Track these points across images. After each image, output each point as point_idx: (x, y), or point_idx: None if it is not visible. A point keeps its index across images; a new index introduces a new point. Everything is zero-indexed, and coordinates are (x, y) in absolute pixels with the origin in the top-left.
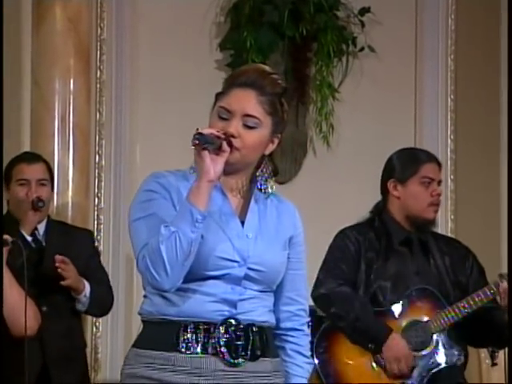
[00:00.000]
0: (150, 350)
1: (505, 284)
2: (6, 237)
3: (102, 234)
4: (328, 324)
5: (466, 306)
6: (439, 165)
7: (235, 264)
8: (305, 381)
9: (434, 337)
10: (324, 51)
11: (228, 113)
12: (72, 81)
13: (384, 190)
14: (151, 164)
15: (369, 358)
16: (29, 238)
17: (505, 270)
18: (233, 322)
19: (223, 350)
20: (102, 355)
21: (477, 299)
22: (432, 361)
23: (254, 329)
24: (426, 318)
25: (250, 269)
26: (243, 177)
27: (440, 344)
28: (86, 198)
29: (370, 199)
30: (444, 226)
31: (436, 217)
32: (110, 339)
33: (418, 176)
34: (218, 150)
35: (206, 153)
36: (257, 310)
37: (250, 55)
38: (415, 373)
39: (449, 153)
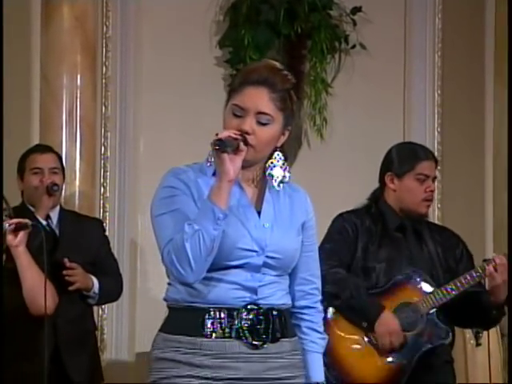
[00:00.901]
0: (177, 335)
1: (490, 268)
2: (26, 220)
3: (107, 222)
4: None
5: (454, 288)
6: (436, 162)
7: (254, 253)
8: (320, 356)
9: (424, 317)
10: (318, 48)
11: (242, 110)
12: (79, 76)
13: (381, 181)
14: (154, 155)
15: (361, 335)
16: (44, 222)
17: (488, 255)
18: (254, 307)
19: (246, 333)
20: (108, 336)
21: (464, 281)
22: (421, 340)
23: (274, 312)
24: (416, 300)
25: (267, 257)
26: (257, 168)
27: (429, 324)
28: (92, 187)
29: (360, 189)
30: (431, 214)
31: (428, 211)
32: (115, 321)
33: (414, 172)
34: (236, 150)
35: (225, 155)
36: (275, 294)
37: (247, 52)
38: (406, 351)
39: (436, 145)
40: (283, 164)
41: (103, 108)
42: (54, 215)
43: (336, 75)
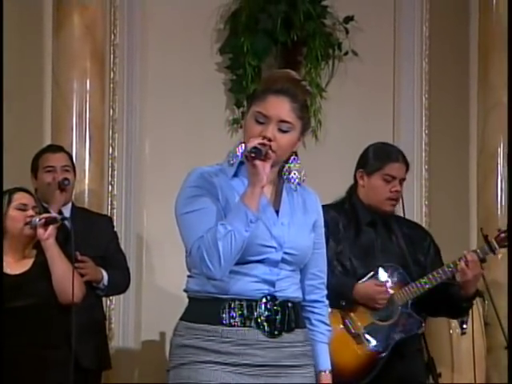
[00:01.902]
0: (199, 323)
1: (462, 264)
2: (55, 215)
3: (114, 218)
4: None
5: (428, 282)
6: (406, 165)
7: (273, 250)
8: (327, 346)
9: (399, 309)
10: (313, 55)
11: (265, 118)
12: (88, 81)
13: (355, 177)
14: (158, 155)
15: (338, 324)
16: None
17: (472, 248)
18: (271, 298)
19: (264, 323)
20: (115, 325)
21: (437, 276)
22: (396, 330)
23: (289, 304)
24: (391, 292)
25: (285, 253)
26: (275, 170)
27: (403, 315)
28: (100, 185)
29: None
30: (419, 210)
31: (393, 209)
32: (122, 311)
33: (383, 172)
34: (265, 157)
35: (259, 162)
36: (290, 287)
37: (246, 59)
38: (381, 340)
39: (423, 145)
40: (300, 167)
41: (111, 111)
42: (66, 211)
43: (330, 80)
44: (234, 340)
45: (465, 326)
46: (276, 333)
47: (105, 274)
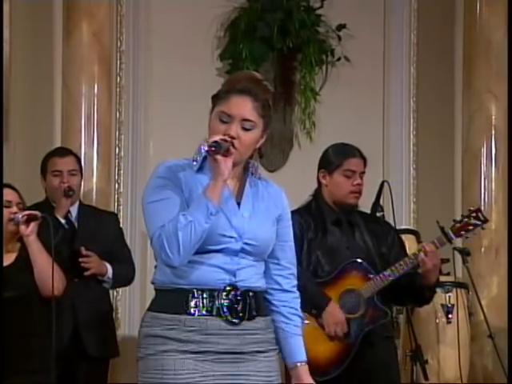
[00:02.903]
0: (164, 313)
1: (422, 255)
2: (36, 212)
3: (121, 215)
4: None
5: (391, 273)
6: (364, 159)
7: (232, 240)
8: (301, 338)
9: (365, 301)
10: (307, 61)
11: (228, 117)
12: (96, 85)
13: (318, 179)
14: (162, 155)
15: (312, 320)
16: (62, 221)
17: (457, 243)
18: (233, 288)
19: (226, 312)
20: (121, 315)
21: (399, 267)
22: (364, 321)
23: (251, 293)
24: (358, 286)
25: (245, 243)
26: (239, 166)
27: (370, 306)
28: (107, 183)
29: None
30: (408, 207)
31: (357, 202)
32: (128, 302)
33: (342, 168)
34: (227, 153)
35: (220, 157)
36: (252, 277)
37: (245, 64)
38: (351, 332)
39: (411, 146)
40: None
41: (117, 113)
42: (74, 210)
43: (323, 84)
44: (198, 329)
45: (450, 316)
46: (237, 321)
47: (109, 267)
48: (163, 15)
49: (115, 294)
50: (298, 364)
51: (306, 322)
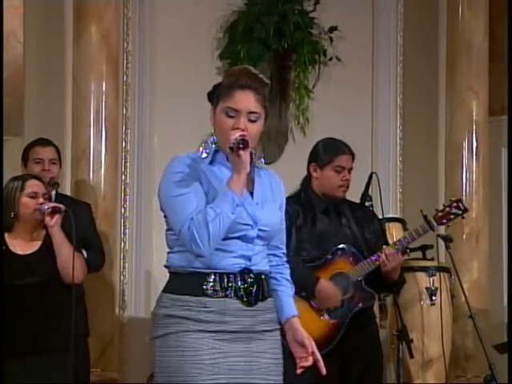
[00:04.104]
0: (183, 295)
1: (383, 256)
2: (60, 205)
3: (127, 203)
4: None
5: (374, 260)
6: (352, 155)
7: (249, 227)
8: (291, 296)
9: (353, 284)
10: (301, 60)
11: (235, 111)
12: (104, 83)
13: (308, 170)
14: (166, 148)
15: (304, 303)
16: None
17: (441, 232)
18: (248, 272)
19: (242, 294)
20: (128, 298)
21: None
22: (353, 302)
23: (263, 276)
24: (347, 269)
25: (259, 230)
26: None
27: (358, 289)
28: (114, 174)
29: None
30: (394, 196)
31: (344, 195)
32: (134, 285)
33: (333, 164)
34: (246, 146)
35: (243, 152)
36: (262, 261)
37: (243, 64)
38: (341, 312)
39: (398, 140)
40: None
41: (124, 109)
42: (52, 198)
43: (316, 82)
44: (216, 309)
45: (434, 298)
46: (253, 302)
47: (84, 253)
48: (167, 18)
49: (122, 278)
50: (292, 317)
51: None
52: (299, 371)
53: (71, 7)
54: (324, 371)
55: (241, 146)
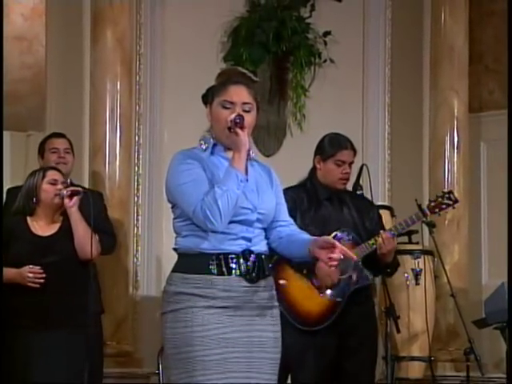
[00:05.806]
0: (192, 274)
1: (380, 240)
2: (79, 189)
3: (140, 192)
4: (277, 257)
5: (374, 243)
6: (354, 150)
7: (249, 211)
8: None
9: (352, 265)
10: (298, 62)
11: (230, 103)
12: (119, 83)
13: (313, 162)
14: (175, 142)
15: (305, 280)
16: None
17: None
18: (249, 252)
19: (244, 272)
20: (141, 278)
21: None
22: (351, 281)
23: (263, 256)
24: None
25: (258, 213)
26: None
27: (357, 270)
28: (128, 166)
29: None
30: (383, 186)
31: (345, 187)
32: (146, 267)
33: (335, 158)
34: (243, 126)
35: (240, 131)
36: (261, 242)
37: (245, 65)
38: (340, 290)
39: (386, 134)
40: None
41: (137, 107)
42: None
43: (312, 82)
44: (222, 287)
45: (419, 278)
46: (255, 279)
47: (97, 237)
48: (176, 23)
49: (135, 260)
50: (312, 238)
51: (290, 282)
52: (332, 266)
53: (89, 14)
54: (355, 258)
55: (238, 121)
